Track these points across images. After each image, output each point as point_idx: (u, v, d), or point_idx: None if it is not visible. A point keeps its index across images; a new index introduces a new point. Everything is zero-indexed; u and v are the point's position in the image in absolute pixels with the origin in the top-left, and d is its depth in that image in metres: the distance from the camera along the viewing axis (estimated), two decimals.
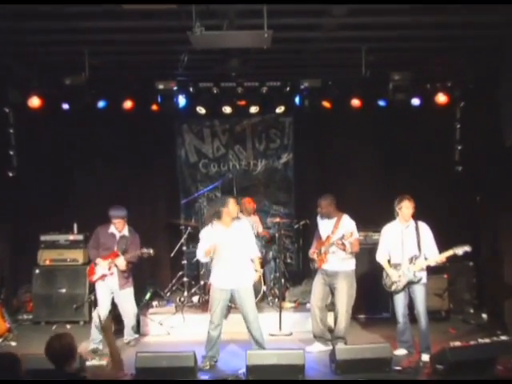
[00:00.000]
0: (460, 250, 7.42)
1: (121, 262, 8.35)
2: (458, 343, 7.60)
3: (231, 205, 7.61)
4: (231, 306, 8.15)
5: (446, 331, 8.91)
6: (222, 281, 7.53)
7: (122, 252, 8.43)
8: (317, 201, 8.20)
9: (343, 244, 7.80)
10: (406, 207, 7.77)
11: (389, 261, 7.92)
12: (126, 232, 8.56)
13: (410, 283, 7.70)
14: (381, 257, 7.97)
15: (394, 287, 7.81)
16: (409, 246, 7.74)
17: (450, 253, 7.49)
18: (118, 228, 8.49)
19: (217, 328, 7.50)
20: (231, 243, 7.49)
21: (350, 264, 8.06)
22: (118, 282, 8.42)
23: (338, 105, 9.85)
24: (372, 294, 9.22)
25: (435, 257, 7.63)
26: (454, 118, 10.15)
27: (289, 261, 11.36)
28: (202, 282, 9.83)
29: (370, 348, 7.04)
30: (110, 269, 8.37)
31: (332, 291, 8.13)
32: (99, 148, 10.55)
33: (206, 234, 7.71)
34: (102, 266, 8.39)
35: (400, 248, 7.79)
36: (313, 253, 8.23)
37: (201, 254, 7.70)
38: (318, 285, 8.18)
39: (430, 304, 8.47)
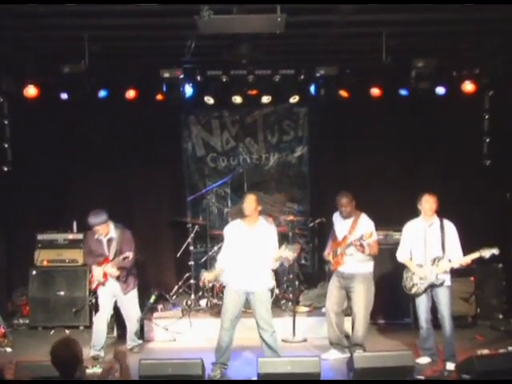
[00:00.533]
0: (487, 253, 7.39)
1: (109, 269, 8.37)
2: (485, 351, 7.57)
3: (246, 202, 7.58)
4: (244, 311, 8.15)
5: (473, 338, 8.89)
6: (237, 282, 7.53)
7: (115, 254, 8.42)
8: (334, 198, 8.18)
9: (362, 245, 7.78)
10: (426, 201, 7.77)
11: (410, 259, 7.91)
12: (112, 234, 8.49)
13: (432, 286, 7.68)
14: (403, 255, 7.96)
15: (414, 290, 7.79)
16: (432, 247, 7.72)
17: (476, 255, 7.45)
18: (102, 233, 8.45)
19: (228, 333, 7.49)
20: (250, 243, 7.48)
21: (368, 266, 8.05)
22: (119, 287, 8.46)
23: (356, 94, 9.85)
24: (392, 298, 9.20)
25: (459, 259, 7.60)
26: (482, 107, 10.14)
27: (303, 262, 11.34)
28: (210, 285, 9.84)
29: (390, 356, 7.01)
30: (104, 276, 8.41)
31: (348, 295, 8.13)
32: (100, 140, 10.57)
33: (228, 230, 7.74)
34: (96, 275, 8.45)
35: (423, 248, 7.77)
36: (328, 254, 8.22)
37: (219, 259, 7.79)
38: (333, 288, 8.18)
39: (456, 309, 8.44)
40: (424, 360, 7.77)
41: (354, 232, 7.97)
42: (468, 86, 9.53)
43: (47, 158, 10.44)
